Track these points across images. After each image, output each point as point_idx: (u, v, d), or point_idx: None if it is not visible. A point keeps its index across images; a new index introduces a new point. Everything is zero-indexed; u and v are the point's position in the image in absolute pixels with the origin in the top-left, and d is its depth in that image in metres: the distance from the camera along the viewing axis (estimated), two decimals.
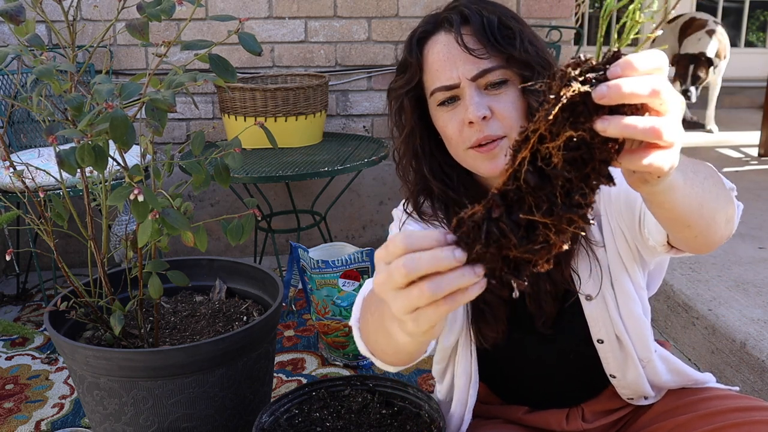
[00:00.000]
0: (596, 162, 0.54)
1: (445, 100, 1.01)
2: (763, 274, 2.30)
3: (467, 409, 1.16)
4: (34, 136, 2.62)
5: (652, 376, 1.12)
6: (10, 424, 1.80)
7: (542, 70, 1.00)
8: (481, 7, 1.00)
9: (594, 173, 0.54)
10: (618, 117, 0.52)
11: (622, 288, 1.05)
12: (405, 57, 1.06)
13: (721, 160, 4.33)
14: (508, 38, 0.98)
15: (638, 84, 0.51)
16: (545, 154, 0.54)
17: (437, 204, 1.11)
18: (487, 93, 0.98)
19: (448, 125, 1.01)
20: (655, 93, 0.51)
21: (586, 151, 0.53)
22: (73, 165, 1.14)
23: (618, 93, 0.51)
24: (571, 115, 0.52)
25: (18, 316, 2.45)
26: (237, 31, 1.20)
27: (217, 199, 3.00)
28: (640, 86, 0.51)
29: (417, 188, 1.11)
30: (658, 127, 0.52)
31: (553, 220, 0.55)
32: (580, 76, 0.52)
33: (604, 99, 0.51)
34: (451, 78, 0.98)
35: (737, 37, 7.16)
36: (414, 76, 1.04)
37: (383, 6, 2.86)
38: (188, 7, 1.18)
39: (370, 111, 2.99)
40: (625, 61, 0.52)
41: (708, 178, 0.77)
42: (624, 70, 0.52)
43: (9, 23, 1.17)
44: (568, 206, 0.55)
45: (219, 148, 1.33)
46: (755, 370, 1.80)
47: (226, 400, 1.40)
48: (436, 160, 1.08)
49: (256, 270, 1.70)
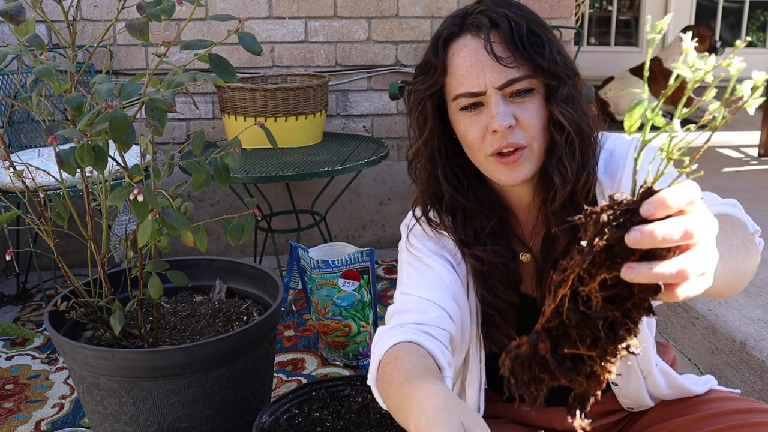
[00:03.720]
0: (636, 298, 0.54)
1: (468, 106, 0.99)
2: (764, 274, 2.30)
3: (480, 413, 1.15)
4: (34, 136, 2.62)
5: (652, 388, 1.12)
6: (10, 424, 1.80)
7: (568, 79, 0.99)
8: (509, 11, 0.98)
9: (635, 308, 0.55)
10: (645, 265, 0.52)
11: None
12: (429, 58, 1.03)
13: (721, 160, 4.34)
14: (536, 46, 0.97)
15: (671, 228, 0.51)
16: (584, 294, 0.55)
17: (445, 210, 1.09)
18: (512, 101, 0.97)
19: (469, 130, 1.00)
20: (688, 235, 0.51)
21: (625, 288, 0.54)
22: (73, 165, 1.14)
23: (651, 239, 0.51)
24: (607, 258, 0.53)
25: (18, 316, 2.45)
26: (237, 31, 1.20)
27: (217, 199, 3.00)
28: (674, 230, 0.51)
29: (428, 190, 1.09)
30: (685, 268, 0.52)
31: (598, 352, 0.56)
32: (614, 221, 0.52)
33: (638, 245, 0.51)
34: (478, 85, 0.97)
35: (737, 37, 7.16)
36: (438, 79, 1.01)
37: (383, 6, 2.86)
38: (188, 7, 1.18)
39: (370, 111, 2.99)
40: (659, 200, 0.51)
41: (740, 247, 0.77)
42: (657, 209, 0.51)
43: (9, 23, 1.17)
44: (612, 339, 0.55)
45: (219, 148, 1.33)
46: (755, 370, 1.80)
47: (226, 400, 1.40)
48: (449, 163, 1.07)
49: (256, 270, 1.70)
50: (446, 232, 1.08)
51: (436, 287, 1.02)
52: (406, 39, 2.90)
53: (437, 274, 1.04)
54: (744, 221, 0.87)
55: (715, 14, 7.04)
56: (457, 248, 1.08)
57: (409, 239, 1.11)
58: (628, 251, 0.52)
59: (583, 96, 1.03)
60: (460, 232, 1.07)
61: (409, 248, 1.10)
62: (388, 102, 2.96)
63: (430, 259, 1.06)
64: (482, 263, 1.06)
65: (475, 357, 1.12)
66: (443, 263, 1.06)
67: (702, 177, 0.58)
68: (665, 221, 0.51)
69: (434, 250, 1.08)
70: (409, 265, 1.08)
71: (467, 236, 1.07)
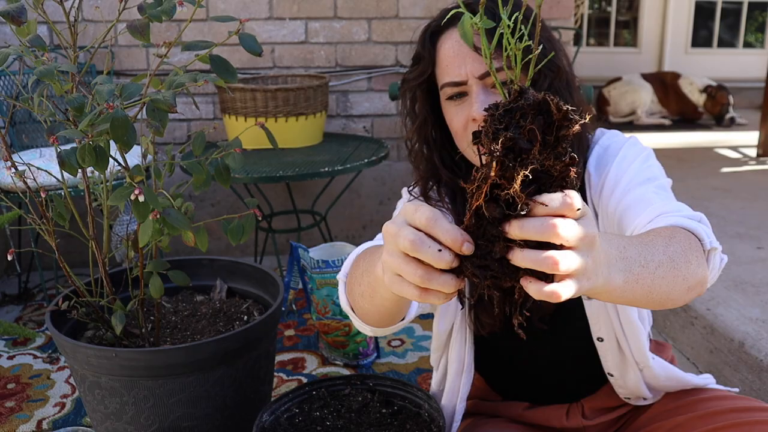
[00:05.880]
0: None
1: (453, 95, 1.03)
2: (762, 273, 2.30)
3: (459, 398, 1.16)
4: (36, 136, 2.63)
5: (650, 380, 1.13)
6: (12, 423, 1.81)
7: (548, 72, 1.02)
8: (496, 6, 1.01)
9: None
10: (528, 252, 0.58)
11: None
12: (418, 50, 1.08)
13: (720, 160, 4.34)
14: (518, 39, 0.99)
15: (540, 227, 0.57)
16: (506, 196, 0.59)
17: (444, 189, 1.13)
18: (494, 91, 1.00)
19: (454, 119, 1.04)
20: (553, 233, 0.57)
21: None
22: (75, 165, 1.15)
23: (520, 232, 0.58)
24: (515, 157, 0.58)
25: (20, 316, 2.46)
26: (237, 31, 1.20)
27: (218, 199, 3.01)
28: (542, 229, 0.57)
29: (427, 174, 1.14)
30: (556, 258, 0.57)
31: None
32: (500, 123, 0.58)
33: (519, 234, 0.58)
34: (459, 75, 1.01)
35: (735, 37, 7.16)
36: (426, 68, 1.06)
37: (383, 7, 2.87)
38: (189, 8, 1.18)
39: (370, 111, 3.00)
40: (544, 198, 0.58)
41: (665, 263, 0.76)
42: (535, 209, 0.58)
43: (11, 24, 1.17)
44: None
45: (220, 148, 1.34)
46: (753, 369, 1.81)
47: (226, 399, 1.41)
48: (446, 149, 1.12)
49: (256, 270, 1.70)
50: (444, 209, 1.13)
51: None
52: (406, 40, 2.90)
53: None
54: (701, 237, 0.87)
55: (713, 15, 7.05)
56: (451, 217, 1.12)
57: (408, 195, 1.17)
58: (530, 146, 0.57)
59: (576, 90, 1.06)
60: (460, 212, 1.11)
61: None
62: (388, 102, 2.97)
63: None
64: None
65: (458, 336, 1.14)
66: None
67: (701, 177, 0.59)
68: (541, 220, 0.57)
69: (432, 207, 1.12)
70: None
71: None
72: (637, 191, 0.99)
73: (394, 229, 0.63)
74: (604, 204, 1.04)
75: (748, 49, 7.17)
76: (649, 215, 0.93)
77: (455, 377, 1.16)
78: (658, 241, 0.79)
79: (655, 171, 1.04)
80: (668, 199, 0.98)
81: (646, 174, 1.02)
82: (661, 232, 0.83)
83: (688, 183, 3.55)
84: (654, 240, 0.78)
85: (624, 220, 0.98)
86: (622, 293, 0.70)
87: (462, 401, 1.17)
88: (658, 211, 0.92)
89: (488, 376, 1.26)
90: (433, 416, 1.21)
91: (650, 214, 0.93)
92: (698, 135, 5.31)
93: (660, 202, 0.95)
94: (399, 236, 0.62)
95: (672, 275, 0.77)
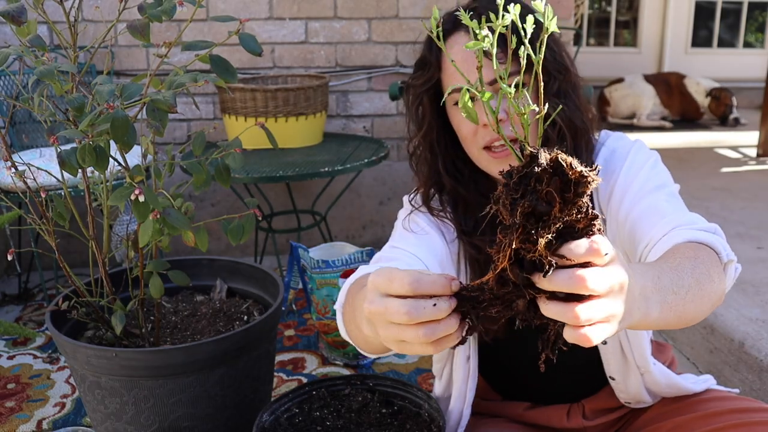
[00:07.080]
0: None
1: None
2: (762, 273, 2.30)
3: (466, 404, 1.16)
4: (36, 136, 2.63)
5: (651, 385, 1.13)
6: (12, 423, 1.81)
7: (558, 74, 1.01)
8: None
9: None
10: (554, 304, 0.58)
11: None
12: (424, 54, 1.07)
13: (720, 160, 4.34)
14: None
15: (566, 281, 0.56)
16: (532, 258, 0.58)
17: (446, 199, 1.12)
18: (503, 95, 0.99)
19: (462, 125, 1.03)
20: (582, 287, 0.56)
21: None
22: (75, 165, 1.15)
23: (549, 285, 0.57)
24: (537, 221, 0.57)
25: (20, 316, 2.46)
26: (238, 31, 1.20)
27: (218, 199, 3.01)
28: (568, 283, 0.56)
29: (429, 182, 1.12)
30: (578, 314, 0.57)
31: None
32: (516, 192, 0.57)
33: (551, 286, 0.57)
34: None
35: (736, 37, 7.16)
36: (433, 75, 1.05)
37: (383, 7, 2.87)
38: (189, 8, 1.18)
39: (370, 111, 3.00)
40: (566, 249, 0.57)
41: (692, 287, 0.77)
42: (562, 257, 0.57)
43: (11, 24, 1.17)
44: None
45: (220, 148, 1.34)
46: (753, 369, 1.81)
47: (226, 399, 1.41)
48: (449, 156, 1.11)
49: (256, 270, 1.70)
50: (447, 220, 1.11)
51: (428, 250, 1.05)
52: (406, 40, 2.90)
53: (430, 239, 1.08)
54: (718, 251, 0.87)
55: (713, 15, 7.04)
56: (453, 227, 1.11)
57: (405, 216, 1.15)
58: (550, 208, 0.56)
59: (580, 92, 1.05)
60: (461, 221, 1.10)
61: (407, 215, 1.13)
62: (388, 102, 2.97)
63: (426, 226, 1.10)
64: (480, 252, 1.08)
65: (462, 346, 1.13)
66: (437, 234, 1.10)
67: (701, 177, 0.59)
68: (569, 272, 0.56)
69: (432, 220, 1.12)
70: (403, 228, 1.12)
71: (467, 226, 1.10)
72: (648, 200, 0.99)
73: (379, 309, 0.61)
74: (614, 211, 1.04)
75: (748, 49, 7.17)
76: (663, 228, 0.93)
77: (462, 384, 1.15)
78: (685, 264, 0.79)
79: (663, 177, 1.04)
80: (680, 209, 0.98)
81: (655, 181, 1.02)
82: (686, 252, 0.84)
83: (689, 183, 3.55)
84: (681, 264, 0.79)
85: (637, 231, 0.98)
86: (656, 323, 0.71)
87: (468, 406, 1.17)
88: (673, 224, 0.92)
89: (489, 377, 1.26)
90: (433, 416, 1.21)
91: (665, 226, 0.93)
92: (698, 135, 5.31)
93: (673, 213, 0.95)
94: (389, 313, 0.60)
95: (699, 296, 0.78)
